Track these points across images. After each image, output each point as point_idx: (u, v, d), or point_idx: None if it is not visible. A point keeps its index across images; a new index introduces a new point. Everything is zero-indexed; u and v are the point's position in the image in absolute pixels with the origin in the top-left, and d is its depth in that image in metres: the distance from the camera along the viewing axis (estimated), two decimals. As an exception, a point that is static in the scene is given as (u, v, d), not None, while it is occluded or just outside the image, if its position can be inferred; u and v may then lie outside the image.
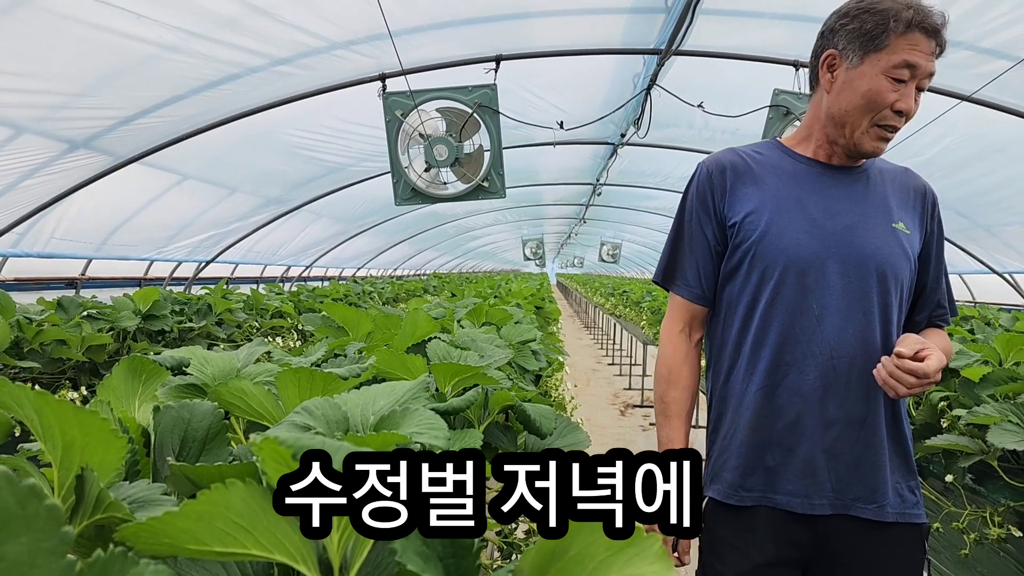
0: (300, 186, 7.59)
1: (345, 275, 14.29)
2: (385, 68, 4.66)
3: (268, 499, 0.69)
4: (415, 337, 1.92)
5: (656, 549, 0.63)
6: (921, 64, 1.43)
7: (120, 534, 0.66)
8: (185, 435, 1.03)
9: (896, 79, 1.44)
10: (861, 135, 1.50)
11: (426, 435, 0.91)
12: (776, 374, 1.52)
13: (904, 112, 1.46)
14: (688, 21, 3.98)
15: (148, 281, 7.88)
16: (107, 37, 3.65)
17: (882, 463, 1.49)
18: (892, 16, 1.42)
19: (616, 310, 11.10)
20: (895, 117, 1.47)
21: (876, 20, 1.44)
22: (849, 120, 1.50)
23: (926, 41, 1.42)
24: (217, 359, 1.48)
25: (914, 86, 1.45)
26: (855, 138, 1.51)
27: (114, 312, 3.70)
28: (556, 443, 1.57)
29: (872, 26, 1.44)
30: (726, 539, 1.56)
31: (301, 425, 0.98)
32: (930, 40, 1.42)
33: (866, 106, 1.47)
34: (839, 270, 1.50)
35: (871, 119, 1.48)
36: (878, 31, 1.43)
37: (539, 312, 5.39)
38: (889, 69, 1.43)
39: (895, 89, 1.44)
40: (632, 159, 9.00)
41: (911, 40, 1.42)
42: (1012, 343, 2.55)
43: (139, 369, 1.16)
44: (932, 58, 1.44)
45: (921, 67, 1.43)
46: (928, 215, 1.62)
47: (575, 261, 37.43)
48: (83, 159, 4.76)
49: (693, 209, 1.66)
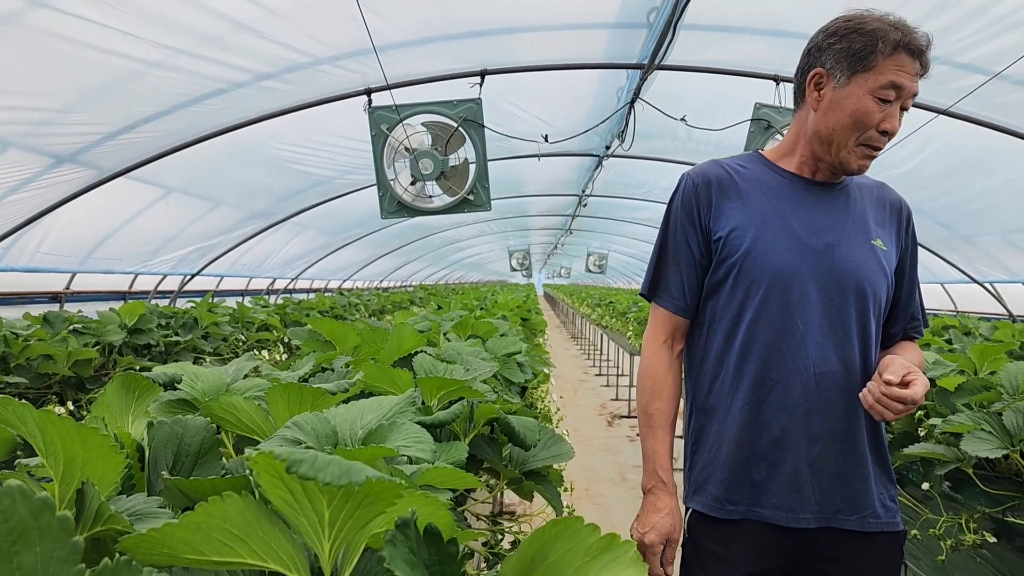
0: (286, 199, 7.61)
1: (331, 287, 14.27)
2: (371, 83, 4.70)
3: (262, 510, 0.72)
4: (401, 351, 1.95)
5: (631, 555, 0.67)
6: (907, 85, 1.46)
7: (122, 544, 0.69)
8: (178, 450, 1.06)
9: (883, 99, 1.46)
10: (847, 154, 1.53)
11: (412, 448, 0.94)
12: (762, 389, 1.55)
13: (889, 132, 1.49)
14: (670, 37, 4.04)
15: (132, 295, 7.86)
16: (93, 54, 3.67)
17: (866, 475, 1.53)
18: (880, 37, 1.44)
19: (603, 321, 11.15)
20: (880, 137, 1.50)
21: (864, 41, 1.46)
22: (836, 138, 1.53)
23: (911, 62, 1.45)
24: (207, 374, 1.50)
25: (899, 106, 1.49)
26: (841, 156, 1.54)
27: (100, 327, 3.71)
28: (540, 455, 1.61)
29: (860, 46, 1.46)
30: (710, 550, 1.59)
31: (292, 439, 1.01)
32: (915, 61, 1.45)
33: (853, 125, 1.49)
34: (821, 287, 1.54)
35: (857, 138, 1.51)
36: (866, 51, 1.45)
37: (525, 324, 5.43)
38: (876, 90, 1.46)
39: (881, 109, 1.47)
40: (617, 171, 9.07)
41: (898, 61, 1.44)
42: (987, 353, 2.61)
43: (133, 385, 1.18)
44: (916, 79, 1.47)
45: (907, 88, 1.46)
46: (903, 229, 1.66)
47: (562, 271, 37.49)
48: (69, 174, 4.77)
49: (678, 221, 1.67)
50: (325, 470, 0.65)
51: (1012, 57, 3.82)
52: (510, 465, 1.59)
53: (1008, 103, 4.45)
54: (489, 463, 1.60)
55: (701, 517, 1.61)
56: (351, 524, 0.72)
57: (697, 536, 1.62)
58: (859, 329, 1.55)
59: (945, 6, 3.66)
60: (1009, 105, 4.48)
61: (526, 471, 1.59)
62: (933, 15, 3.75)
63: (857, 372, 1.54)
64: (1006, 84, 4.16)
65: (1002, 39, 3.79)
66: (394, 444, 0.96)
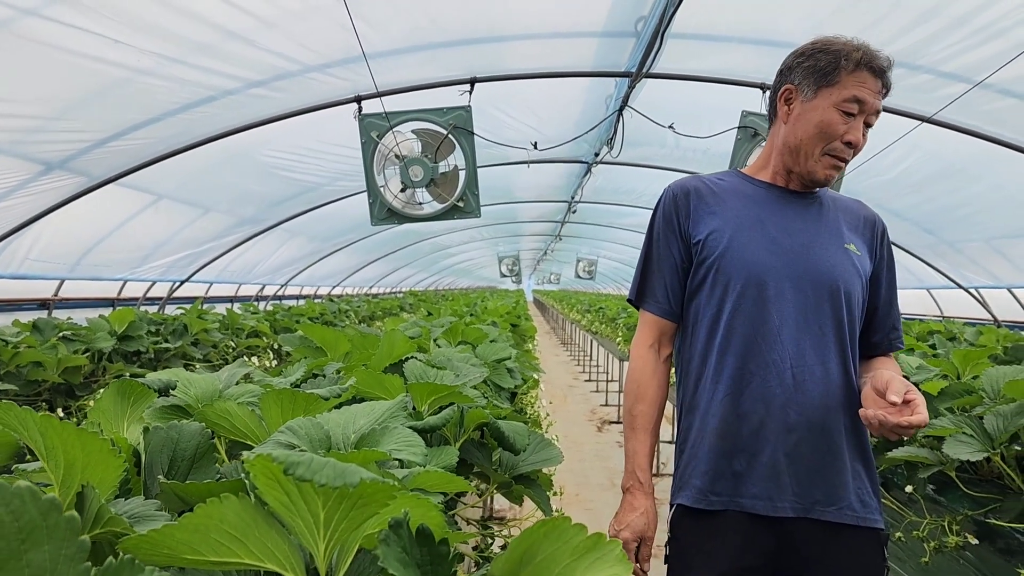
0: (275, 205, 7.61)
1: (321, 293, 14.25)
2: (360, 90, 4.72)
3: (259, 512, 0.74)
4: (392, 357, 1.97)
5: (617, 553, 0.69)
6: (868, 100, 1.57)
7: (123, 545, 0.71)
8: (174, 454, 1.08)
9: (846, 112, 1.58)
10: (814, 163, 1.63)
11: (405, 452, 0.97)
12: (741, 381, 1.61)
13: (853, 144, 1.60)
14: (657, 45, 4.08)
15: (121, 301, 7.83)
16: (83, 62, 3.68)
17: (842, 468, 1.57)
18: (844, 56, 1.57)
19: (592, 326, 11.18)
20: (845, 149, 1.60)
21: (829, 59, 1.58)
22: (803, 148, 1.63)
23: (873, 80, 1.57)
24: (200, 381, 1.52)
25: (862, 121, 1.59)
26: (808, 166, 1.64)
27: (90, 333, 3.71)
28: (530, 459, 1.63)
29: (825, 63, 1.59)
30: (694, 545, 1.62)
31: (285, 444, 1.03)
32: (876, 79, 1.57)
33: (819, 135, 1.60)
34: (796, 285, 1.61)
35: (823, 148, 1.61)
36: (830, 68, 1.58)
37: (515, 330, 5.45)
38: (840, 103, 1.58)
39: (845, 122, 1.58)
40: (606, 177, 9.12)
41: (859, 78, 1.56)
42: (969, 358, 2.65)
43: (128, 391, 1.20)
44: (879, 96, 1.59)
45: (868, 103, 1.57)
46: (878, 242, 1.74)
47: (552, 277, 37.55)
48: (58, 181, 4.77)
49: (660, 231, 1.77)
50: (321, 472, 0.67)
51: (995, 65, 3.87)
52: (500, 469, 1.61)
53: (991, 111, 4.51)
54: (479, 467, 1.62)
55: (685, 511, 1.65)
56: (346, 525, 0.75)
57: (681, 532, 1.66)
58: (835, 325, 1.61)
59: (929, 15, 3.71)
60: (992, 113, 4.54)
61: (516, 475, 1.61)
62: (918, 24, 3.80)
63: (835, 367, 1.60)
64: (989, 92, 4.22)
65: (985, 48, 3.84)
66: (386, 448, 0.98)
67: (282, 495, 0.73)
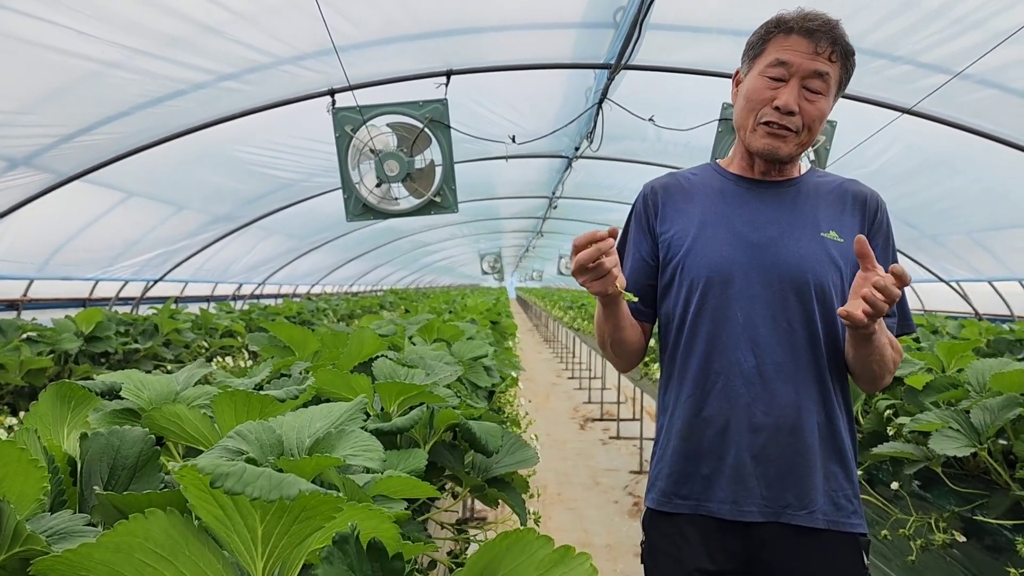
0: (251, 202, 7.49)
1: (300, 292, 14.11)
2: (334, 83, 4.63)
3: (190, 528, 0.66)
4: (361, 356, 1.90)
5: (586, 567, 0.62)
6: (795, 61, 1.50)
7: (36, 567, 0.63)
8: (115, 462, 1.00)
9: (772, 77, 1.52)
10: (751, 135, 1.58)
11: (361, 457, 0.89)
12: (705, 383, 1.56)
13: (783, 108, 1.51)
14: (636, 36, 4.02)
15: (93, 302, 7.68)
16: (47, 54, 3.57)
17: (812, 469, 1.50)
18: (770, 26, 1.54)
19: (574, 323, 11.13)
20: (775, 113, 1.52)
21: (759, 33, 1.57)
22: (741, 123, 1.60)
23: (805, 41, 1.50)
24: (154, 382, 1.44)
25: (797, 84, 1.51)
26: (748, 140, 1.59)
27: (54, 334, 3.60)
28: (504, 461, 1.56)
29: (756, 38, 1.58)
30: (661, 547, 1.58)
31: (234, 450, 0.95)
32: (810, 40, 1.49)
33: (748, 106, 1.56)
34: (764, 280, 1.54)
35: (755, 118, 1.56)
36: (758, 41, 1.56)
37: (495, 327, 5.38)
38: (764, 68, 1.53)
39: (772, 87, 1.52)
40: (588, 172, 9.06)
41: (787, 43, 1.51)
42: (954, 350, 2.61)
43: (68, 395, 1.12)
44: (816, 57, 1.50)
45: (795, 63, 1.50)
46: (869, 221, 1.63)
47: (534, 274, 37.51)
48: (24, 177, 4.64)
49: (631, 230, 1.75)
50: (254, 484, 0.60)
51: (973, 57, 3.85)
52: (472, 472, 1.55)
53: (970, 102, 4.49)
54: (451, 470, 1.55)
55: (653, 514, 1.62)
56: (287, 540, 0.67)
57: (651, 534, 1.62)
58: (804, 320, 1.54)
59: (906, 7, 3.68)
60: (972, 104, 4.52)
61: (489, 478, 1.55)
62: (895, 15, 3.77)
63: (805, 363, 1.53)
64: (968, 83, 4.20)
65: (963, 39, 3.82)
66: (341, 453, 0.91)
67: (216, 509, 0.66)
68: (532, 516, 1.72)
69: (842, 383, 1.60)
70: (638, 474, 6.23)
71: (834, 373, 1.57)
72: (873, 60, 4.25)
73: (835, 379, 1.57)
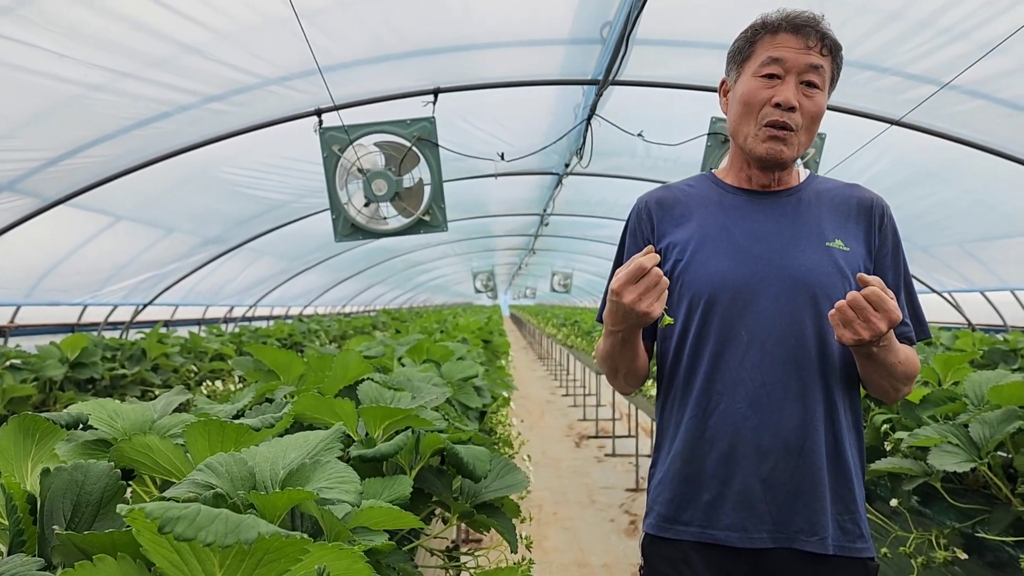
0: (240, 224, 7.44)
1: (292, 314, 14.03)
2: (321, 103, 4.60)
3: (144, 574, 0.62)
4: (347, 379, 1.85)
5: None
6: (788, 56, 1.47)
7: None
8: (78, 499, 0.95)
9: (767, 75, 1.49)
10: (753, 140, 1.52)
11: (336, 490, 0.85)
12: (708, 404, 1.49)
13: (784, 104, 1.47)
14: (623, 51, 4.01)
15: (81, 327, 7.60)
16: (30, 77, 3.53)
17: (822, 493, 1.45)
18: (757, 27, 1.51)
19: (568, 340, 11.08)
20: (777, 111, 1.48)
21: (744, 37, 1.55)
22: (740, 129, 1.55)
23: (794, 38, 1.47)
24: (129, 411, 1.39)
25: (794, 81, 1.48)
26: (749, 145, 1.54)
27: (39, 361, 3.54)
28: (492, 486, 1.52)
29: (741, 43, 1.55)
30: (663, 572, 1.52)
31: (203, 483, 0.91)
32: (799, 37, 1.47)
33: (745, 108, 1.52)
34: (768, 294, 1.48)
35: (756, 121, 1.51)
36: (745, 44, 1.54)
37: (487, 346, 5.34)
38: (757, 69, 1.50)
39: (768, 86, 1.49)
40: (578, 189, 9.05)
41: (776, 40, 1.49)
42: (950, 363, 2.57)
43: (31, 428, 1.07)
44: (808, 52, 1.47)
45: (789, 59, 1.47)
46: (875, 227, 1.58)
47: (527, 292, 37.44)
48: (8, 202, 4.59)
49: (626, 247, 1.69)
50: (207, 528, 0.55)
51: (960, 67, 3.84)
52: (461, 498, 1.50)
53: (959, 113, 4.48)
54: (438, 497, 1.50)
55: (652, 539, 1.55)
56: (249, 587, 0.63)
57: (651, 560, 1.56)
58: (815, 334, 1.47)
59: (893, 18, 3.68)
60: (960, 115, 4.52)
61: (478, 503, 1.50)
62: (881, 26, 3.77)
63: (814, 382, 1.47)
64: (956, 94, 4.19)
65: (950, 49, 3.81)
66: (315, 486, 0.87)
67: (171, 554, 0.62)
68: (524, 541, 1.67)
69: (852, 398, 1.54)
70: (634, 492, 6.16)
71: (843, 390, 1.51)
72: (861, 72, 4.24)
73: (843, 395, 1.51)
